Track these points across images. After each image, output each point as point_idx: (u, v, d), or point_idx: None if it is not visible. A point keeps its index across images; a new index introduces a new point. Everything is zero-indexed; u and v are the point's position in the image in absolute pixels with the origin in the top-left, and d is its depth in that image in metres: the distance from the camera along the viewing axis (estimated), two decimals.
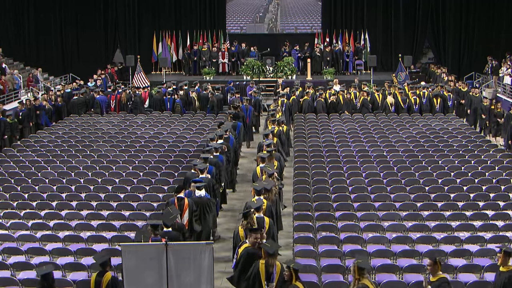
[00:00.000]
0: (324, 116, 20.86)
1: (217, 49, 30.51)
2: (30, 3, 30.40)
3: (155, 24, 31.52)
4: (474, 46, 30.22)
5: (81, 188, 14.03)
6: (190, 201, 11.22)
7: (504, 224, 11.90)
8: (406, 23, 31.08)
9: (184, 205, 11.05)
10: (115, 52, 31.71)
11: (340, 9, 31.85)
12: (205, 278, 8.41)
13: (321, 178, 14.32)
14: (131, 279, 8.38)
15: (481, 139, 18.07)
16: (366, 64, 30.01)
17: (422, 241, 11.13)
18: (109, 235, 11.38)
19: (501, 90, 25.09)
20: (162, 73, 28.82)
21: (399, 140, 17.65)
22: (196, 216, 11.30)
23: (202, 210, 11.48)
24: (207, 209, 11.58)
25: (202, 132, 18.74)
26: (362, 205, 12.81)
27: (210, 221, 11.74)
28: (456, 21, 30.30)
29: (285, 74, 27.82)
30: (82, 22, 30.99)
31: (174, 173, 14.82)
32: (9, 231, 11.89)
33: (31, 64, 29.16)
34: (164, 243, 8.35)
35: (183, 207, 11.01)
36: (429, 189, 13.60)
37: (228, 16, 32.88)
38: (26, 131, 19.41)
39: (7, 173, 14.96)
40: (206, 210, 11.54)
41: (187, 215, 11.06)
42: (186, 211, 11.05)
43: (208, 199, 11.73)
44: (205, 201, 11.59)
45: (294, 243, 11.11)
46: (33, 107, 20.05)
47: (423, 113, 21.18)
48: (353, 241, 11.11)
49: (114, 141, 17.87)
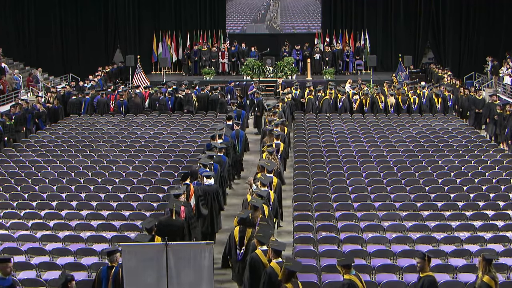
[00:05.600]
0: (324, 116, 20.86)
1: (217, 49, 30.53)
2: (30, 3, 30.42)
3: (155, 24, 31.57)
4: (474, 46, 30.24)
5: (81, 188, 14.03)
6: (195, 187, 11.60)
7: (504, 224, 11.90)
8: (406, 23, 31.12)
9: (190, 191, 11.38)
10: (115, 52, 31.72)
11: (340, 9, 31.89)
12: (205, 278, 8.41)
13: (321, 178, 14.32)
14: (131, 279, 8.38)
15: (481, 139, 18.06)
16: (366, 64, 30.02)
17: (422, 241, 11.14)
18: (109, 235, 11.38)
19: (501, 90, 25.08)
20: (162, 73, 28.82)
21: (399, 140, 17.65)
22: (202, 201, 11.67)
23: (210, 197, 11.87)
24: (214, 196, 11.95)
25: (202, 132, 18.74)
26: (362, 205, 12.81)
27: (217, 208, 12.12)
28: (456, 21, 30.33)
29: (285, 74, 27.84)
30: (82, 22, 31.03)
31: (174, 173, 14.82)
32: (9, 231, 11.89)
33: (31, 64, 29.16)
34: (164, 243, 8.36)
35: (189, 193, 11.33)
36: (429, 189, 13.61)
37: (228, 16, 32.87)
38: (18, 135, 18.99)
39: (7, 173, 14.96)
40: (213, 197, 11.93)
41: (193, 200, 11.42)
42: (192, 196, 11.40)
43: (217, 187, 12.22)
44: (214, 188, 12.03)
45: (294, 243, 11.11)
46: (24, 110, 19.68)
47: (423, 113, 21.18)
48: (353, 241, 11.11)
49: (114, 141, 17.87)
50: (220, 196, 12.34)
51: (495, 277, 8.18)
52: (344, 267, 8.19)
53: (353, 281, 8.08)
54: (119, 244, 9.58)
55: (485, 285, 8.10)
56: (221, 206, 12.41)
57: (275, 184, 12.22)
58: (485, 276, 8.16)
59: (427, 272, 8.27)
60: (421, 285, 8.21)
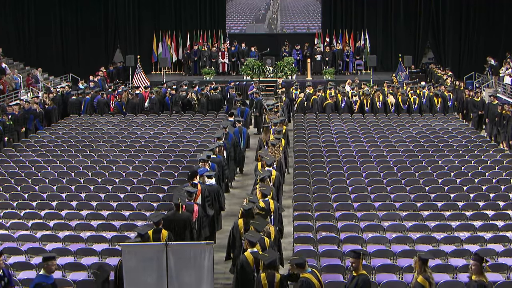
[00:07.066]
0: (324, 116, 20.86)
1: (217, 49, 30.51)
2: (30, 3, 30.40)
3: (155, 24, 31.56)
4: (474, 46, 30.23)
5: (81, 188, 14.03)
6: (203, 187, 11.67)
7: (504, 224, 11.89)
8: (406, 23, 31.10)
9: (198, 190, 11.43)
10: (115, 52, 31.71)
11: (340, 9, 31.87)
12: (205, 278, 8.41)
13: (321, 178, 14.32)
14: (131, 279, 8.38)
15: (481, 139, 18.06)
16: (366, 64, 30.02)
17: (422, 241, 11.13)
18: (109, 235, 11.38)
19: (501, 90, 25.08)
20: (162, 73, 28.82)
21: (399, 140, 17.64)
22: (208, 201, 11.74)
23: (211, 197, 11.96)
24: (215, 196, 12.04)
25: (202, 132, 18.74)
26: (362, 205, 12.81)
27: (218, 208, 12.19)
28: (456, 21, 30.32)
29: (285, 74, 27.83)
30: (82, 22, 31.01)
31: (174, 173, 14.82)
32: (9, 231, 11.89)
33: (31, 64, 29.13)
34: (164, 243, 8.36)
35: (196, 192, 11.38)
36: (429, 189, 13.60)
37: (228, 16, 32.87)
38: (16, 136, 18.93)
39: (7, 173, 14.96)
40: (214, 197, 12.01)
41: (200, 201, 11.49)
42: (199, 196, 11.46)
43: (218, 187, 12.28)
44: (215, 188, 12.08)
45: (294, 243, 11.11)
46: (23, 110, 19.66)
47: (423, 113, 21.18)
48: (353, 241, 11.11)
49: (114, 141, 17.87)
50: (221, 196, 12.40)
51: (430, 277, 8.10)
52: (297, 266, 8.26)
53: (308, 279, 8.15)
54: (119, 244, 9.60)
55: (419, 285, 8.06)
56: (221, 206, 12.45)
57: (273, 177, 12.39)
58: (419, 276, 8.10)
59: (361, 271, 8.24)
60: (354, 284, 8.16)
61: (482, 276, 7.99)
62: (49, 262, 8.31)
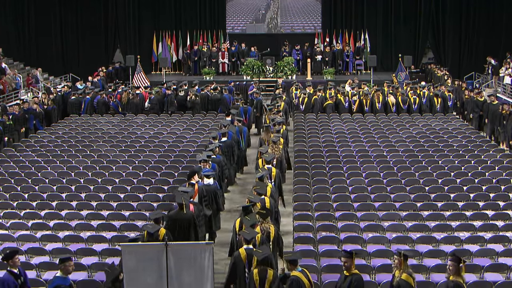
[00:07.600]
0: (324, 116, 20.86)
1: (217, 49, 30.51)
2: (30, 3, 30.39)
3: (155, 24, 31.55)
4: (474, 47, 30.23)
5: (81, 188, 14.03)
6: (200, 187, 11.65)
7: (504, 224, 11.90)
8: (406, 23, 31.09)
9: (194, 190, 11.44)
10: (115, 52, 31.71)
11: (340, 9, 31.87)
12: (205, 278, 8.41)
13: (321, 178, 14.33)
14: (131, 279, 8.38)
15: (481, 139, 18.06)
16: (366, 64, 30.02)
17: (422, 241, 11.13)
18: (109, 235, 11.38)
19: (501, 90, 25.08)
20: (162, 73, 28.82)
21: (399, 140, 17.65)
22: (205, 201, 11.70)
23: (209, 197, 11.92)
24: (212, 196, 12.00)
25: (202, 132, 18.74)
26: (362, 205, 12.81)
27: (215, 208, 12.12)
28: (456, 21, 30.32)
29: (285, 74, 27.83)
30: (82, 22, 31.00)
31: (174, 173, 14.82)
32: (9, 231, 11.89)
33: (31, 64, 29.12)
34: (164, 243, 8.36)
35: (193, 192, 11.37)
36: (429, 189, 13.60)
37: (228, 16, 32.87)
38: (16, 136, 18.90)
39: (7, 173, 14.96)
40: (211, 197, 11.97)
41: (197, 200, 11.47)
42: (195, 196, 11.45)
43: (215, 187, 12.21)
44: (212, 188, 12.02)
45: (294, 243, 11.11)
46: (23, 110, 19.63)
47: (423, 113, 21.17)
48: (353, 241, 11.12)
49: (114, 141, 17.87)
50: (219, 197, 12.31)
51: (412, 273, 8.21)
52: (290, 263, 8.29)
53: (298, 278, 8.17)
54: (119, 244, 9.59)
55: (404, 282, 8.10)
56: (219, 207, 12.41)
57: (274, 175, 12.45)
58: (403, 274, 8.15)
59: (353, 271, 8.26)
60: (348, 284, 8.16)
61: (459, 277, 8.04)
62: (66, 263, 8.24)
